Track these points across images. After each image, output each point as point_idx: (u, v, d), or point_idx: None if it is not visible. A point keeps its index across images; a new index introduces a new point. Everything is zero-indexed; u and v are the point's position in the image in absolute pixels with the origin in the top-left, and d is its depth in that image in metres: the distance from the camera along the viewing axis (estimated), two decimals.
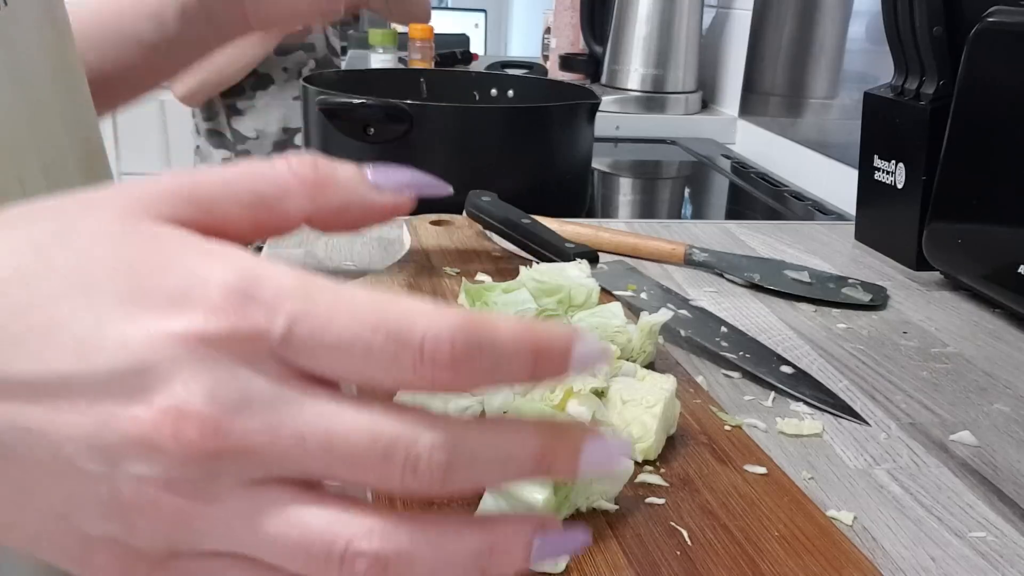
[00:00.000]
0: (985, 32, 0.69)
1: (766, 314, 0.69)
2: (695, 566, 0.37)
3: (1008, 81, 0.68)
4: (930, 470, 0.48)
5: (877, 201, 0.85)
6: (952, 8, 0.75)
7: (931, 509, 0.44)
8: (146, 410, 0.21)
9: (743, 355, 0.58)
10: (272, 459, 0.22)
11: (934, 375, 0.60)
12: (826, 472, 0.47)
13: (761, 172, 1.30)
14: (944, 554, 0.41)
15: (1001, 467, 0.49)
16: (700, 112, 1.64)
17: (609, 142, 1.52)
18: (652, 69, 1.60)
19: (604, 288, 0.67)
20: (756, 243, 0.87)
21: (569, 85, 1.12)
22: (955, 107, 0.73)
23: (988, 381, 0.59)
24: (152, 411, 0.21)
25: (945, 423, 0.53)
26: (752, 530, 0.39)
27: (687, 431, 0.47)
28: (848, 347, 0.64)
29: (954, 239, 0.73)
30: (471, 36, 2.59)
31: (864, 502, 0.45)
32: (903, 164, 0.80)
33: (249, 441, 0.21)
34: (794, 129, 1.33)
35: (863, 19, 1.17)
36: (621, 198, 1.27)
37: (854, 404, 0.55)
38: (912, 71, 0.79)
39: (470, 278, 0.69)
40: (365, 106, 0.84)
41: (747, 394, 0.55)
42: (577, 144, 0.95)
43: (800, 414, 0.53)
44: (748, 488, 0.43)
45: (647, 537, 0.38)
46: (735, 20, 1.60)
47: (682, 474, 0.43)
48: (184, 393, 0.21)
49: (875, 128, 0.85)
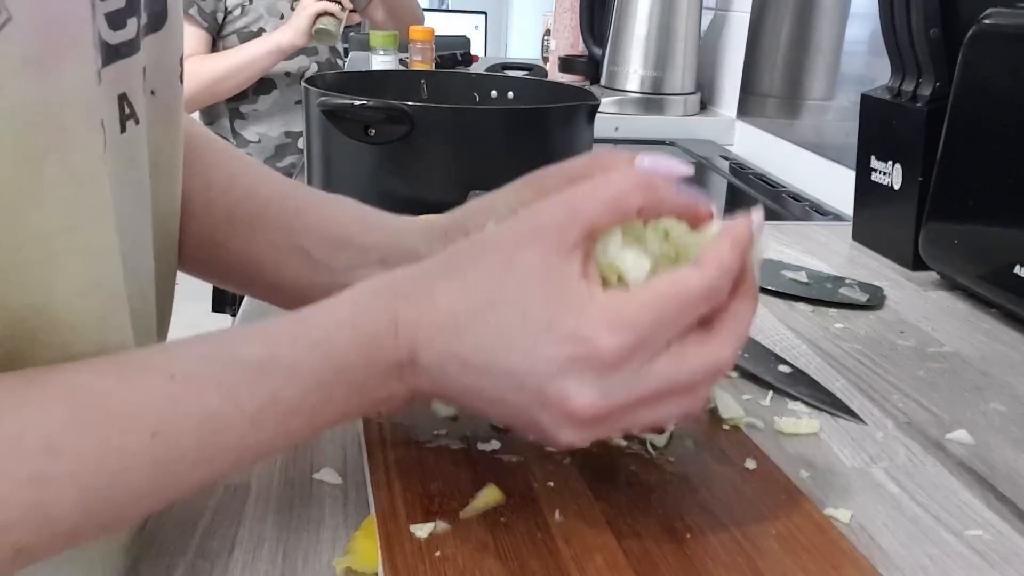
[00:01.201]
0: (981, 34, 0.70)
1: (764, 314, 0.69)
2: (694, 564, 0.37)
3: (1004, 83, 0.68)
4: (927, 469, 0.48)
5: (874, 202, 0.85)
6: (948, 10, 0.75)
7: (928, 508, 0.45)
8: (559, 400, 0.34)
9: (741, 354, 0.59)
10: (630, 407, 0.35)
11: (931, 374, 0.60)
12: (823, 471, 0.48)
13: (759, 173, 1.30)
14: (941, 552, 0.41)
15: (997, 466, 0.49)
16: (699, 113, 1.64)
17: (608, 143, 1.52)
18: (651, 71, 1.60)
19: None
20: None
21: (568, 87, 1.12)
22: (951, 109, 0.73)
23: (984, 380, 0.60)
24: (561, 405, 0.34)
25: (942, 422, 0.54)
26: (750, 529, 0.40)
27: (687, 431, 0.48)
28: (845, 347, 0.64)
29: (950, 239, 0.73)
30: (471, 38, 2.59)
31: (861, 501, 0.45)
32: (900, 165, 0.81)
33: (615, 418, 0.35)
34: (792, 130, 1.34)
35: (860, 21, 1.18)
36: None
37: (851, 403, 0.55)
38: (909, 73, 0.80)
39: None
40: (366, 107, 0.85)
41: (745, 393, 0.55)
42: (576, 145, 0.95)
43: (798, 413, 0.53)
44: (746, 487, 0.43)
45: (646, 536, 0.39)
46: (733, 22, 1.60)
47: (681, 473, 0.44)
48: (576, 391, 0.34)
49: (872, 129, 0.85)
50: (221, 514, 0.42)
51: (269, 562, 0.39)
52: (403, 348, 0.36)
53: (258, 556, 0.39)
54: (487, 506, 0.40)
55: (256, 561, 0.39)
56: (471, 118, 0.93)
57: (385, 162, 0.81)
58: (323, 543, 0.40)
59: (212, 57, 1.81)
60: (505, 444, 0.45)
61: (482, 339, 0.35)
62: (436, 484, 0.41)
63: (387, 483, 0.41)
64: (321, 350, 0.36)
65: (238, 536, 0.41)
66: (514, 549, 0.37)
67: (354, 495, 0.44)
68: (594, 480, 0.43)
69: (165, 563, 0.39)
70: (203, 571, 0.38)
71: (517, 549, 0.37)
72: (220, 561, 0.39)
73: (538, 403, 0.35)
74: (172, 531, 0.41)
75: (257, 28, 1.82)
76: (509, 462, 0.44)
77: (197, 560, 0.39)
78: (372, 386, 0.36)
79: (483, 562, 0.36)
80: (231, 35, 1.82)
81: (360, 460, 0.46)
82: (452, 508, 0.40)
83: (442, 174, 0.89)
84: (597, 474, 0.43)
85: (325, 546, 0.40)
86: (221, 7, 1.80)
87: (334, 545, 0.40)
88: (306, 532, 0.41)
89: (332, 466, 0.46)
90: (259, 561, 0.39)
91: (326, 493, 0.44)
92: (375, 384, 0.36)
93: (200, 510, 0.42)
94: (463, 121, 0.92)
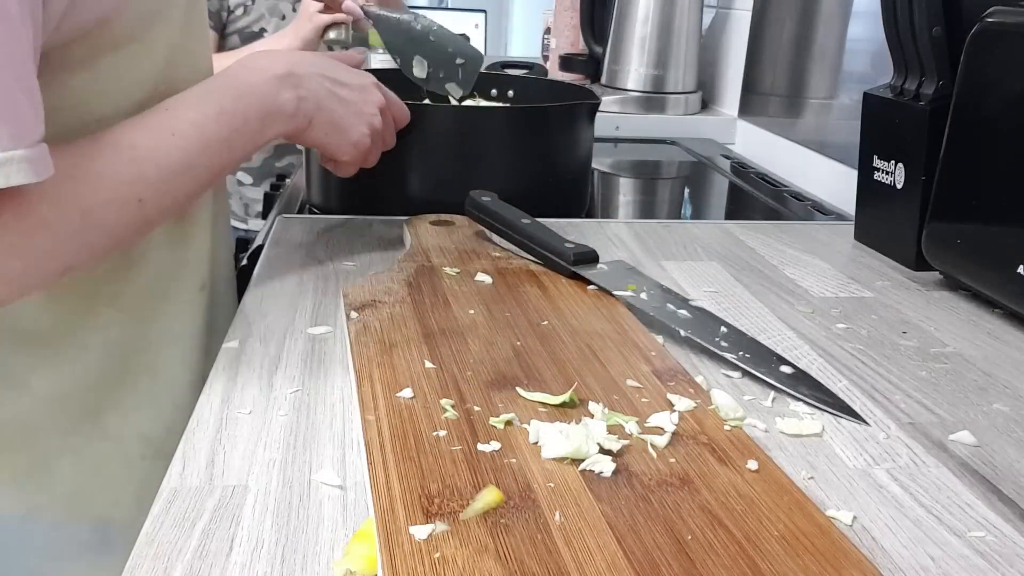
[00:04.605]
0: (984, 32, 0.70)
1: (766, 314, 0.69)
2: (695, 566, 0.37)
3: (1007, 81, 0.68)
4: (929, 470, 0.48)
5: (876, 201, 0.85)
6: (951, 9, 0.75)
7: (930, 509, 0.45)
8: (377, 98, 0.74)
9: (743, 355, 0.59)
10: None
11: (933, 375, 0.60)
12: (826, 472, 0.47)
13: (761, 172, 1.30)
14: (943, 553, 0.41)
15: (1000, 467, 0.49)
16: (700, 112, 1.64)
17: (609, 142, 1.52)
18: (652, 69, 1.60)
19: (604, 288, 0.67)
20: (756, 243, 0.87)
21: (569, 85, 1.12)
22: (954, 107, 0.73)
23: (987, 381, 0.60)
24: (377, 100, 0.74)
25: (944, 423, 0.53)
26: (752, 530, 0.39)
27: (687, 431, 0.48)
28: (847, 347, 0.64)
29: (953, 239, 0.73)
30: (471, 36, 2.59)
31: (863, 502, 0.45)
32: (902, 164, 0.80)
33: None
34: (794, 129, 1.34)
35: (863, 19, 1.17)
36: (621, 198, 1.27)
37: (853, 404, 0.55)
38: (912, 71, 0.79)
39: (470, 278, 0.69)
40: None
41: (747, 394, 0.55)
42: (577, 144, 0.95)
43: (800, 414, 0.53)
44: (748, 488, 0.43)
45: (647, 537, 0.38)
46: (735, 20, 1.60)
47: (682, 474, 0.44)
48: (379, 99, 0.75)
49: (875, 128, 0.85)
50: (220, 515, 0.42)
51: (268, 563, 0.39)
52: (279, 64, 0.66)
53: (257, 557, 0.39)
54: (487, 507, 0.40)
55: (255, 562, 0.39)
56: (471, 117, 0.93)
57: (385, 162, 0.81)
58: (322, 544, 0.40)
59: (218, 58, 1.80)
60: (505, 445, 0.45)
61: (323, 63, 0.70)
62: (436, 485, 0.41)
63: (386, 484, 0.41)
64: (235, 84, 0.64)
65: (237, 537, 0.40)
66: (514, 550, 0.37)
67: (353, 496, 0.44)
68: (594, 481, 0.42)
69: (164, 564, 0.39)
70: (202, 572, 0.38)
71: (517, 550, 0.37)
72: (219, 562, 0.39)
73: (360, 98, 0.72)
74: (171, 532, 0.41)
75: (259, 28, 1.81)
76: (509, 463, 0.44)
77: (195, 561, 0.39)
78: (270, 92, 0.65)
79: (483, 564, 0.36)
80: (233, 35, 1.82)
81: (360, 460, 0.46)
82: (452, 509, 0.39)
83: (442, 174, 0.89)
84: (597, 475, 0.43)
85: (324, 547, 0.40)
86: (225, 6, 1.79)
87: (333, 546, 0.40)
88: (305, 533, 0.41)
89: (331, 467, 0.46)
90: (258, 562, 0.39)
91: (325, 494, 0.44)
92: (272, 92, 0.65)
93: (199, 511, 0.42)
94: (463, 120, 0.92)
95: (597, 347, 0.58)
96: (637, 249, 0.84)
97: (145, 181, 0.57)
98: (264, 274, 0.73)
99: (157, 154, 0.58)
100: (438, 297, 0.65)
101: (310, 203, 0.98)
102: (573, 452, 0.44)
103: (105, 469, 0.66)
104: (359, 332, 0.58)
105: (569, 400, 0.50)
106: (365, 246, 0.80)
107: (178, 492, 0.44)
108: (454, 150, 0.89)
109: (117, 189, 0.56)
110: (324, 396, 0.54)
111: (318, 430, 0.50)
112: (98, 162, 0.55)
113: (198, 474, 0.45)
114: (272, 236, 0.83)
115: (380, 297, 0.64)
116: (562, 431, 0.45)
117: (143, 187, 0.57)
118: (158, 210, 0.59)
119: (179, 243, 0.68)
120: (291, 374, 0.56)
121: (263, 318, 0.64)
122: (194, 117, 0.60)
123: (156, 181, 0.58)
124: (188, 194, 0.62)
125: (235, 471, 0.46)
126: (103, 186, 0.55)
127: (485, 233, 0.79)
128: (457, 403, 0.49)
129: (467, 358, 0.55)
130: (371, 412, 0.48)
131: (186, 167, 0.59)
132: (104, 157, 0.56)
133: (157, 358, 0.68)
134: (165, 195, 0.59)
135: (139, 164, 0.57)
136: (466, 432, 0.46)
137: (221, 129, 0.61)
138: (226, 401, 0.53)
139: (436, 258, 0.73)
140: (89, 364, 0.64)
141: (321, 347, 0.60)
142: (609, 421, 0.48)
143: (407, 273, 0.69)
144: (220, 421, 0.50)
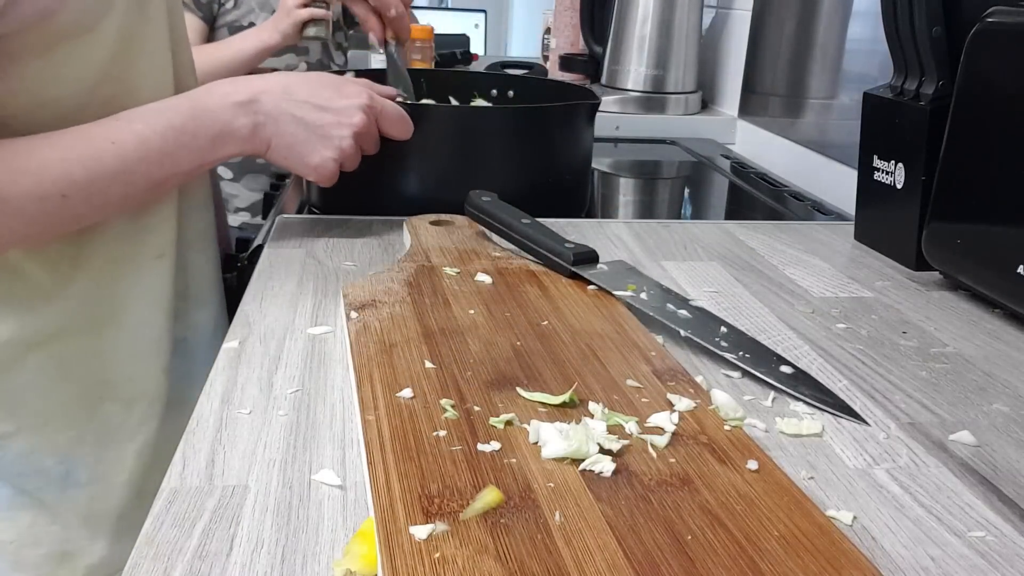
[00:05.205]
0: (984, 32, 0.70)
1: (766, 314, 0.69)
2: (695, 566, 0.37)
3: (1007, 81, 0.68)
4: (929, 470, 0.48)
5: (877, 201, 0.85)
6: (951, 8, 0.75)
7: (930, 509, 0.45)
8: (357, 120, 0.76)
9: (743, 355, 0.59)
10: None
11: (933, 375, 0.60)
12: (826, 472, 0.47)
13: (761, 172, 1.30)
14: (943, 554, 0.41)
15: (1000, 467, 0.49)
16: (700, 112, 1.64)
17: (609, 142, 1.52)
18: (652, 69, 1.60)
19: (604, 288, 0.67)
20: (756, 243, 0.87)
21: (569, 85, 1.12)
22: (954, 107, 0.73)
23: (987, 381, 0.60)
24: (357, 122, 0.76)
25: (944, 423, 0.53)
26: (752, 530, 0.39)
27: (687, 431, 0.48)
28: (847, 347, 0.64)
29: (953, 239, 0.73)
30: (471, 36, 2.59)
31: (864, 502, 0.45)
32: (902, 164, 0.80)
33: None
34: (794, 129, 1.34)
35: (863, 19, 1.17)
36: (621, 198, 1.27)
37: (854, 404, 0.55)
38: (911, 71, 0.79)
39: (470, 278, 0.69)
40: None
41: (747, 394, 0.55)
42: (577, 144, 0.95)
43: (800, 414, 0.53)
44: (748, 488, 0.43)
45: (647, 537, 0.38)
46: (735, 20, 1.60)
47: (682, 474, 0.44)
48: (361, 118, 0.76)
49: (875, 128, 0.85)
50: (220, 515, 0.42)
51: (268, 563, 0.39)
52: (243, 92, 0.70)
53: (257, 557, 0.39)
54: (487, 507, 0.40)
55: (255, 562, 0.39)
56: (471, 117, 0.93)
57: (385, 162, 0.81)
58: (322, 544, 0.40)
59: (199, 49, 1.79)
60: (505, 445, 0.45)
61: (303, 88, 0.74)
62: (435, 485, 0.41)
63: (386, 484, 0.41)
64: (192, 104, 0.69)
65: (236, 537, 0.40)
66: (514, 550, 0.37)
67: (353, 496, 0.44)
68: (594, 481, 0.42)
69: (163, 564, 0.39)
70: (202, 572, 0.38)
71: (517, 550, 0.37)
72: (219, 562, 0.39)
73: (333, 121, 0.74)
74: (171, 532, 0.41)
75: (248, 22, 1.81)
76: (509, 463, 0.44)
77: (195, 561, 0.39)
78: (224, 116, 0.69)
79: (483, 564, 0.36)
80: (222, 28, 1.81)
81: (359, 461, 0.46)
82: (452, 509, 0.39)
83: (442, 174, 0.89)
84: (597, 475, 0.43)
85: (324, 547, 0.40)
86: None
87: (333, 546, 0.40)
88: (305, 533, 0.41)
89: (331, 467, 0.46)
90: (257, 563, 0.39)
91: (325, 494, 0.44)
92: (227, 117, 0.69)
93: (199, 511, 0.42)
94: (463, 120, 0.92)
95: (597, 347, 0.58)
96: (637, 249, 0.84)
97: (70, 179, 0.61)
98: (264, 274, 0.73)
99: (88, 157, 0.62)
100: (438, 297, 0.65)
101: (310, 203, 0.98)
102: (573, 452, 0.44)
103: (69, 408, 0.71)
104: (359, 332, 0.58)
105: (569, 400, 0.50)
106: (365, 246, 0.80)
107: (178, 492, 0.44)
108: (454, 150, 0.89)
109: (40, 184, 0.60)
110: (324, 396, 0.54)
111: (318, 430, 0.50)
112: (24, 156, 0.60)
113: (198, 474, 0.45)
114: (272, 236, 0.83)
115: (380, 297, 0.64)
116: (562, 431, 0.45)
117: (67, 184, 0.61)
118: (89, 207, 0.64)
119: (140, 211, 0.72)
120: (291, 374, 0.56)
121: (263, 318, 0.64)
122: (140, 129, 0.65)
123: (83, 181, 0.62)
124: (125, 196, 0.66)
125: (235, 471, 0.46)
126: (26, 180, 0.60)
127: (485, 233, 0.79)
128: (457, 403, 0.49)
129: (467, 358, 0.55)
130: (371, 412, 0.48)
131: (119, 172, 0.64)
132: (33, 153, 0.61)
133: (122, 315, 0.72)
134: (95, 195, 0.63)
135: (68, 164, 0.62)
136: (466, 432, 0.46)
137: (166, 143, 0.66)
138: (226, 401, 0.53)
139: (436, 258, 0.73)
140: (54, 317, 0.69)
141: (321, 347, 0.60)
142: (609, 421, 0.48)
143: (407, 273, 0.69)
144: (220, 421, 0.50)
